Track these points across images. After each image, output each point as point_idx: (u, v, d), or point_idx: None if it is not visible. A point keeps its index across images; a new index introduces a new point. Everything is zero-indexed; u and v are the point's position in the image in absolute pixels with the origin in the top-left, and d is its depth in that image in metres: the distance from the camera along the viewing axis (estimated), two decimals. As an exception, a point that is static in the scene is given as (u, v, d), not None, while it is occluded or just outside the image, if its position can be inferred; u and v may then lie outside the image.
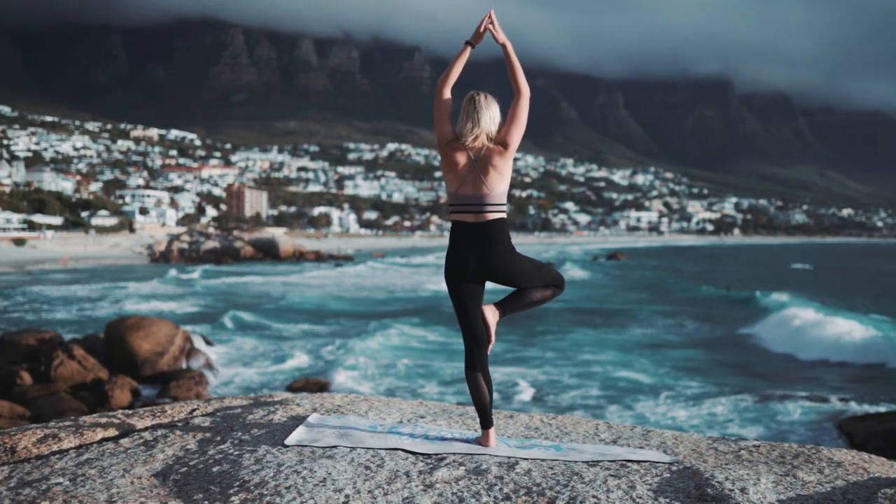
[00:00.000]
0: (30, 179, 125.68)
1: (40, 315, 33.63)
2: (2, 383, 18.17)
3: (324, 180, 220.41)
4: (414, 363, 21.65)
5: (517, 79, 3.42)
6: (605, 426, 3.72)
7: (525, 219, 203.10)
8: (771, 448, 3.28)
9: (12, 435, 3.48)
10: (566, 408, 16.27)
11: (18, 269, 62.80)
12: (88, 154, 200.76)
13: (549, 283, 3.43)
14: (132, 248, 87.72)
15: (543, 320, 31.13)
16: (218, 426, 3.65)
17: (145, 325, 21.06)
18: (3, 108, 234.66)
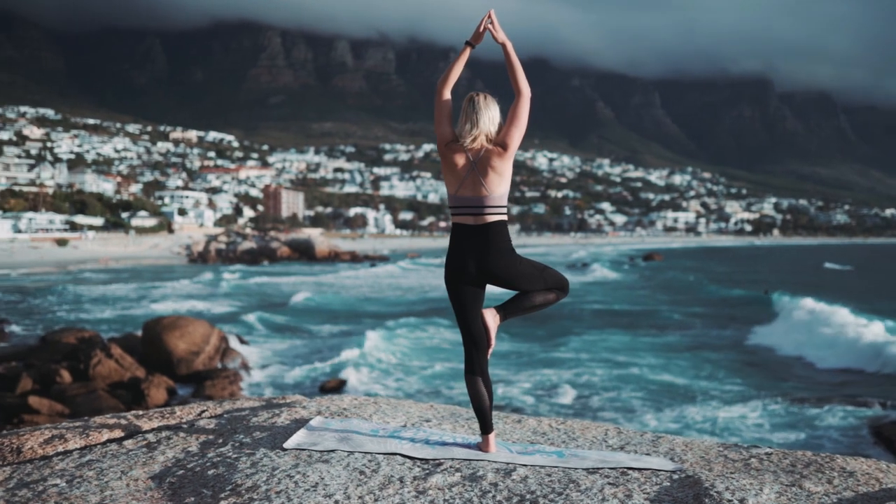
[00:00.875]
0: (72, 181, 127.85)
1: (81, 314, 34.24)
2: (42, 381, 18.55)
3: (360, 181, 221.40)
4: (444, 365, 21.67)
5: (517, 79, 3.38)
6: (615, 431, 3.66)
7: (561, 219, 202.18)
8: (783, 456, 3.20)
9: (20, 435, 3.51)
10: (598, 410, 16.20)
11: (61, 268, 63.98)
12: (129, 156, 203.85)
13: (551, 287, 3.36)
14: (171, 249, 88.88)
15: (579, 322, 31.02)
16: (222, 428, 3.65)
17: (181, 325, 21.35)
18: (47, 111, 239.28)
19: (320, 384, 18.90)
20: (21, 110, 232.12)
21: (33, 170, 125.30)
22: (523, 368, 20.73)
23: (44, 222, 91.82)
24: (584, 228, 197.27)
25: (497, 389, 18.35)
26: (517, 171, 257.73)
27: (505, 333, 27.01)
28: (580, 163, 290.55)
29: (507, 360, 21.92)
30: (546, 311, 36.27)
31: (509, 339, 25.59)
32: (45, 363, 20.31)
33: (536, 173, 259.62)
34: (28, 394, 17.57)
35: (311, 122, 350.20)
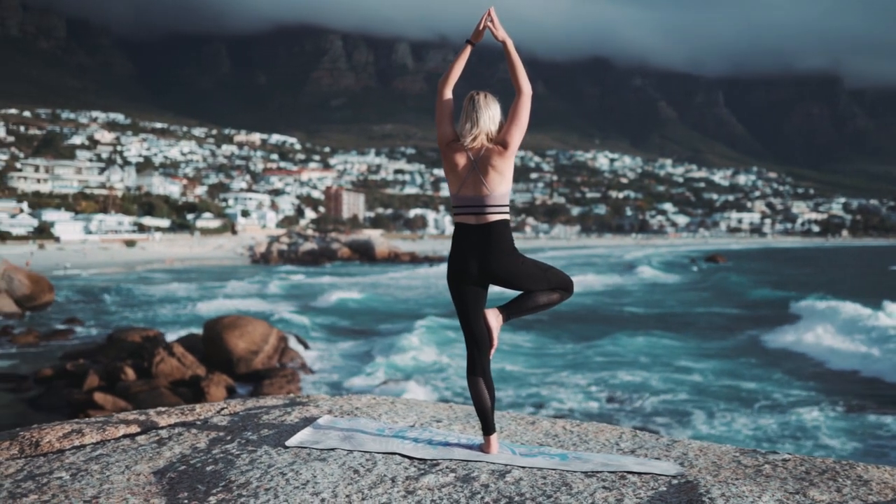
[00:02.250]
0: (140, 183, 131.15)
1: (146, 313, 35.16)
2: (108, 378, 19.14)
3: (420, 182, 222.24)
4: (494, 367, 21.67)
5: (517, 77, 3.34)
6: (630, 434, 3.61)
7: (622, 220, 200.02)
8: (801, 462, 3.11)
9: (41, 429, 3.57)
10: (649, 413, 16.04)
11: (129, 269, 65.71)
12: (195, 159, 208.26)
13: (555, 287, 3.32)
14: (234, 250, 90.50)
15: (635, 324, 30.70)
16: (233, 425, 3.67)
17: (241, 325, 21.77)
18: (117, 115, 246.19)
19: (375, 384, 19.09)
20: (93, 115, 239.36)
21: (103, 173, 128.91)
22: (548, 370, 20.67)
23: (113, 224, 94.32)
24: (645, 229, 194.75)
25: (527, 391, 18.33)
26: (578, 171, 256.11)
27: (525, 333, 26.90)
28: (642, 163, 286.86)
29: (527, 359, 21.88)
30: (577, 313, 36.10)
31: (529, 337, 25.46)
32: (111, 361, 20.96)
33: (597, 174, 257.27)
34: (94, 390, 18.17)
35: (372, 124, 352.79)
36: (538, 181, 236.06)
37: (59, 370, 20.57)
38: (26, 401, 17.29)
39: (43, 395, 17.69)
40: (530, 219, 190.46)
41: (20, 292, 35.98)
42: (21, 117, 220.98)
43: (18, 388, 19.11)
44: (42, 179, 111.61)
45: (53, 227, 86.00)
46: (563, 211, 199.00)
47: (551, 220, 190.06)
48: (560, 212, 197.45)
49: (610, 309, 37.67)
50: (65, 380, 19.70)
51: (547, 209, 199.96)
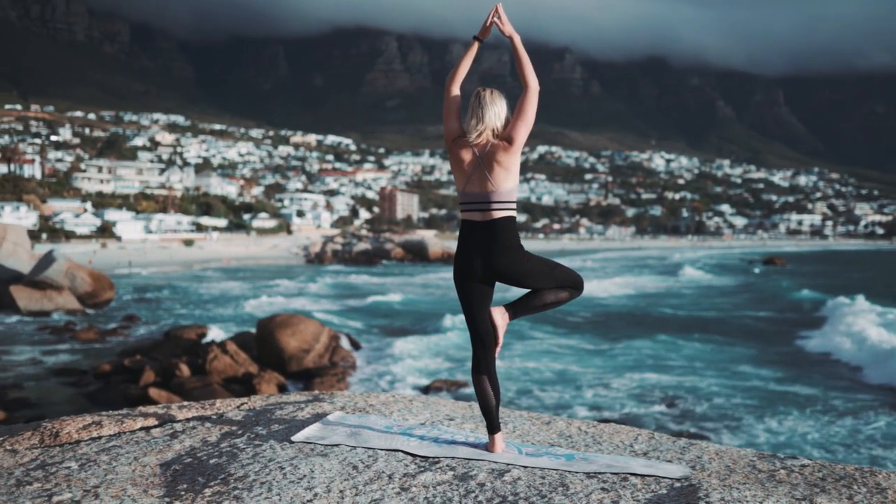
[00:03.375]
0: (198, 184, 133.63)
1: (202, 311, 35.88)
2: (164, 374, 19.62)
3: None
4: (549, 368, 21.62)
5: (525, 72, 3.32)
6: (647, 436, 3.55)
7: (678, 222, 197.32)
8: (819, 468, 3.03)
9: (63, 421, 3.65)
10: (699, 417, 15.85)
11: (186, 267, 67.07)
12: (252, 160, 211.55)
13: (563, 285, 3.28)
14: (289, 249, 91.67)
15: (700, 327, 30.30)
16: (247, 420, 3.71)
17: (293, 324, 22.08)
18: (178, 117, 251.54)
19: (426, 385, 19.19)
20: (154, 117, 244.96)
21: (163, 173, 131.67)
22: (592, 370, 20.53)
23: (172, 223, 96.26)
24: (701, 231, 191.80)
25: (573, 393, 18.23)
26: (633, 172, 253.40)
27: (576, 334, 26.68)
28: (699, 164, 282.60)
29: (573, 359, 21.75)
30: (603, 312, 35.80)
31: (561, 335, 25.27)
32: (166, 357, 21.45)
33: (653, 174, 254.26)
34: (150, 386, 18.64)
35: (427, 125, 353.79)
36: (593, 182, 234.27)
37: (117, 366, 21.13)
38: (85, 395, 17.81)
39: (101, 390, 18.20)
40: (584, 220, 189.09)
41: (82, 290, 37.00)
42: (86, 120, 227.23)
43: (79, 383, 19.71)
44: (105, 180, 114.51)
45: (115, 226, 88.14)
46: (618, 212, 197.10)
47: (606, 222, 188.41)
48: (615, 213, 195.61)
49: (642, 311, 37.34)
50: (122, 375, 20.23)
51: (601, 210, 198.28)
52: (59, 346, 25.70)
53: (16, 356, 23.55)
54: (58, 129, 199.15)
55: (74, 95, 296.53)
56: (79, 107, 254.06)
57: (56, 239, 74.89)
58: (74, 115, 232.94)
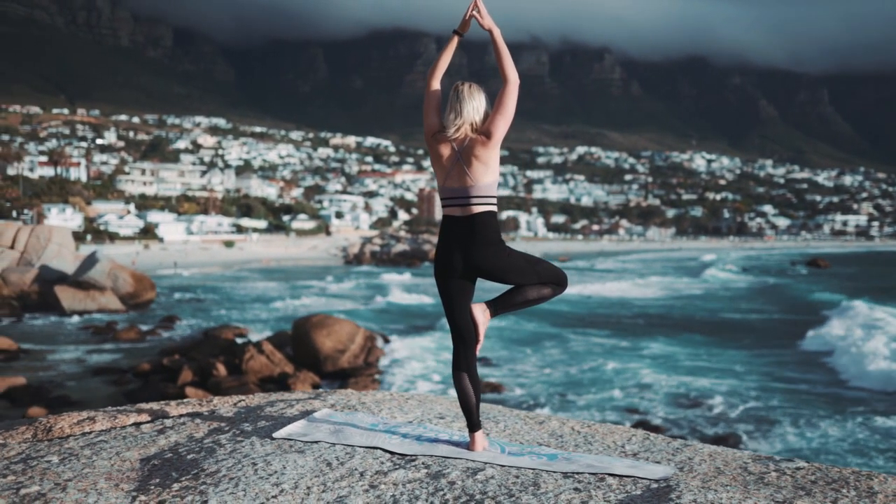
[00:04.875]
0: (239, 186, 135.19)
1: (240, 311, 36.31)
2: (201, 373, 19.94)
3: (512, 184, 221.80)
4: (580, 370, 21.56)
5: (504, 66, 3.27)
6: (642, 437, 3.50)
7: (719, 222, 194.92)
8: (814, 471, 2.95)
9: (59, 416, 3.68)
10: (735, 420, 15.71)
11: (227, 268, 67.90)
12: (292, 162, 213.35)
13: (546, 281, 3.24)
14: (328, 251, 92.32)
15: (751, 331, 29.99)
16: (237, 417, 3.71)
17: (329, 324, 22.29)
18: (219, 120, 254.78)
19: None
20: (196, 120, 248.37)
21: (205, 176, 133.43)
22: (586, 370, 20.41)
23: (213, 225, 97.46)
24: (743, 232, 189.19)
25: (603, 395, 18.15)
26: (673, 172, 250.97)
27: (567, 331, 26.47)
28: (740, 164, 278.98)
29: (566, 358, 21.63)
30: (609, 314, 35.53)
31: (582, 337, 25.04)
32: (204, 357, 21.78)
33: (694, 175, 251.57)
34: (187, 385, 18.97)
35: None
36: (632, 183, 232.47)
37: (156, 365, 21.51)
38: (124, 393, 18.15)
39: (140, 389, 18.53)
40: (624, 221, 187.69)
41: (124, 290, 37.69)
42: (130, 123, 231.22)
43: (119, 381, 20.10)
44: (148, 182, 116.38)
45: (157, 227, 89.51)
46: (658, 213, 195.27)
47: (646, 223, 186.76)
48: (655, 214, 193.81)
49: (662, 311, 37.06)
50: (161, 374, 20.60)
51: (641, 211, 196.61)
52: (101, 345, 26.21)
53: (59, 355, 24.08)
54: (103, 133, 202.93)
55: (119, 99, 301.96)
56: (123, 110, 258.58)
57: (100, 240, 76.30)
58: (119, 118, 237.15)
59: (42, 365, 22.51)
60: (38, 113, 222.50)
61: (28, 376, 20.03)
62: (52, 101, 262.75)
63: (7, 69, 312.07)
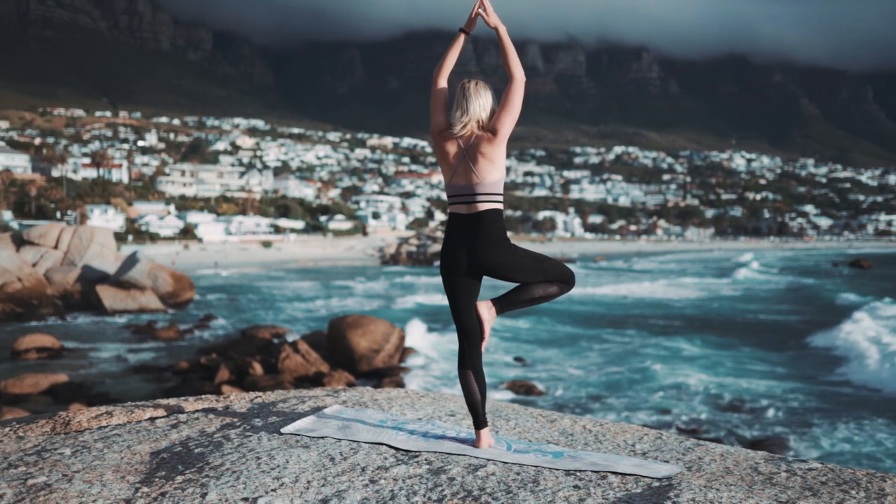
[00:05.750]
0: (277, 187, 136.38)
1: (277, 311, 36.67)
2: (238, 372, 20.21)
3: (549, 185, 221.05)
4: (616, 371, 21.46)
5: (510, 63, 3.26)
6: (654, 436, 3.47)
7: (759, 223, 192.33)
8: (826, 472, 2.90)
9: (79, 410, 3.74)
10: (772, 422, 15.54)
11: (265, 268, 68.56)
12: (329, 162, 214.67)
13: (552, 279, 3.22)
14: (364, 251, 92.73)
15: (779, 332, 29.65)
16: (249, 412, 3.74)
17: (364, 324, 22.43)
18: (258, 122, 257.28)
19: (496, 385, 19.26)
20: (235, 122, 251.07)
21: (243, 177, 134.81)
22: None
23: (251, 225, 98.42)
24: (784, 232, 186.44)
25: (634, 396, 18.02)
26: (712, 172, 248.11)
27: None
28: (781, 163, 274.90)
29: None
30: (632, 313, 35.14)
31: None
32: (241, 356, 22.07)
33: (733, 174, 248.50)
34: (224, 383, 19.23)
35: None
36: (671, 183, 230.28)
37: (194, 363, 21.85)
38: (162, 391, 18.46)
39: (178, 387, 18.83)
40: (662, 221, 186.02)
41: (164, 290, 38.27)
42: (171, 125, 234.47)
43: (157, 379, 20.47)
44: (187, 183, 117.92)
45: (197, 228, 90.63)
46: (697, 213, 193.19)
47: (684, 223, 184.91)
48: (693, 214, 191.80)
49: (691, 313, 36.67)
50: (198, 373, 20.92)
51: (680, 211, 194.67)
52: (141, 343, 26.67)
53: (101, 353, 24.55)
54: (144, 135, 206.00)
55: (160, 102, 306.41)
56: (164, 113, 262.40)
57: (141, 241, 77.51)
58: (160, 120, 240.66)
59: (84, 363, 22.97)
60: (82, 116, 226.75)
61: (70, 373, 20.47)
62: (96, 104, 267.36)
63: (53, 73, 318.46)
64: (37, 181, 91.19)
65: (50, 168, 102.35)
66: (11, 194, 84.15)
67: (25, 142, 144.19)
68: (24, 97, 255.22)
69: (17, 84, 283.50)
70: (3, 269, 37.05)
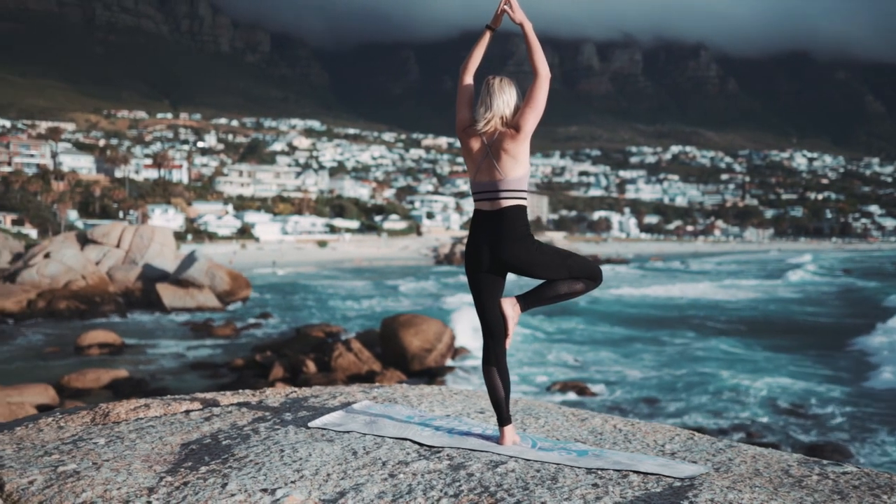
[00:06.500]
0: (332, 187, 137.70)
1: (332, 309, 37.07)
2: (291, 370, 20.52)
3: (605, 184, 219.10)
4: (670, 373, 21.22)
5: (535, 59, 3.23)
6: (686, 436, 3.42)
7: (820, 223, 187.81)
8: (861, 476, 2.82)
9: (118, 402, 3.84)
10: (833, 427, 15.22)
11: (320, 267, 69.31)
12: (384, 163, 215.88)
13: (578, 276, 3.19)
14: (419, 251, 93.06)
15: (827, 335, 29.01)
16: (281, 407, 3.79)
17: (416, 323, 22.57)
18: (314, 123, 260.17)
19: (547, 386, 19.22)
20: (292, 123, 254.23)
21: (299, 177, 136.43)
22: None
23: (307, 225, 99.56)
24: (847, 233, 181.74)
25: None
26: (772, 171, 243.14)
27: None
28: (844, 162, 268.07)
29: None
30: (666, 315, 34.44)
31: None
32: (295, 354, 22.41)
33: (794, 174, 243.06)
34: (278, 381, 19.54)
35: (557, 127, 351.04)
36: (729, 182, 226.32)
37: (249, 361, 22.26)
38: (218, 387, 18.84)
39: (233, 384, 19.20)
40: (719, 221, 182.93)
41: (221, 288, 38.99)
42: (230, 126, 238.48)
43: (213, 376, 20.89)
44: (245, 183, 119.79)
45: (254, 227, 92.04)
46: (756, 213, 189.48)
47: (742, 223, 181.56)
48: (752, 214, 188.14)
49: (747, 315, 35.98)
50: (253, 370, 21.31)
51: (738, 212, 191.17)
52: (198, 341, 27.23)
53: (160, 350, 25.15)
54: (204, 136, 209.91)
55: (219, 103, 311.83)
56: (223, 114, 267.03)
57: (200, 240, 79.04)
58: (219, 122, 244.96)
59: (143, 359, 23.55)
60: (144, 118, 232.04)
61: (130, 369, 21.02)
62: (157, 106, 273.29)
63: (117, 76, 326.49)
64: (101, 182, 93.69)
65: (113, 169, 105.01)
66: (77, 195, 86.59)
67: (91, 143, 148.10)
68: (90, 100, 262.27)
69: (83, 87, 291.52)
70: (68, 268, 38.16)
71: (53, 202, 79.40)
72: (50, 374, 19.99)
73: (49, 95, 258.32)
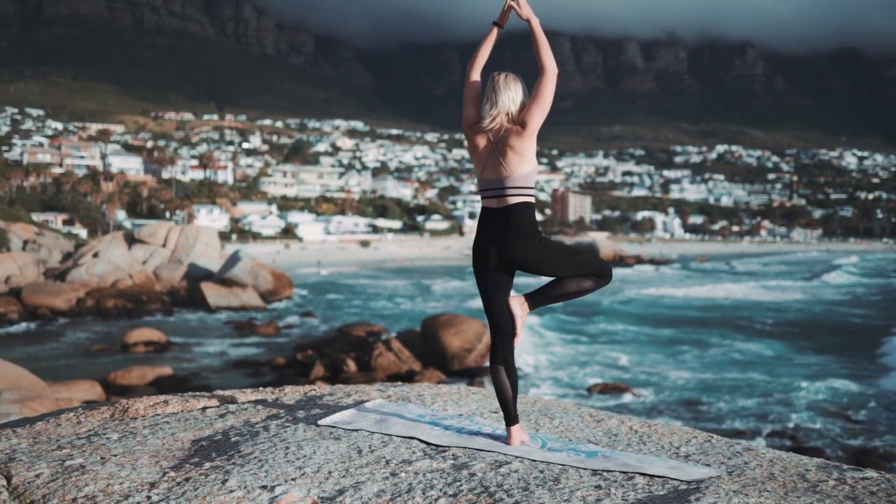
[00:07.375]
0: (375, 187, 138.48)
1: (373, 309, 37.28)
2: (332, 368, 20.73)
3: (648, 184, 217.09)
4: (714, 375, 20.99)
5: (542, 55, 3.22)
6: (703, 439, 3.35)
7: (871, 223, 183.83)
8: (880, 483, 2.73)
9: (138, 399, 3.88)
10: (882, 431, 14.93)
11: (362, 267, 69.74)
12: (427, 163, 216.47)
13: (586, 273, 3.14)
14: (461, 251, 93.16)
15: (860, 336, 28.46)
16: (296, 405, 3.80)
17: (456, 323, 22.62)
18: (357, 123, 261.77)
19: (587, 387, 19.16)
20: (335, 124, 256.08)
21: (342, 177, 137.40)
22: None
23: (350, 225, 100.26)
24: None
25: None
26: (821, 171, 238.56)
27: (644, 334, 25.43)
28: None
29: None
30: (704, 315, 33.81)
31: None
32: (336, 353, 22.60)
33: (844, 173, 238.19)
34: (318, 379, 19.74)
35: (601, 126, 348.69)
36: (776, 182, 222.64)
37: (291, 360, 22.52)
38: (259, 385, 19.09)
39: (274, 382, 19.43)
40: (766, 222, 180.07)
41: (264, 287, 39.45)
42: (274, 127, 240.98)
43: (255, 374, 21.17)
44: (289, 184, 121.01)
45: (297, 227, 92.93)
46: (804, 213, 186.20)
47: (790, 224, 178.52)
48: (800, 214, 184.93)
49: (792, 316, 35.35)
50: (294, 369, 21.55)
51: (785, 212, 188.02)
52: (241, 339, 27.60)
53: (204, 348, 25.55)
54: (248, 137, 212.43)
55: (264, 105, 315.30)
56: (268, 115, 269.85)
57: (244, 240, 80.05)
58: (264, 123, 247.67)
59: (188, 357, 23.95)
60: (191, 119, 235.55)
61: (174, 367, 21.40)
62: (203, 108, 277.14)
63: (164, 79, 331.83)
64: (148, 182, 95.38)
65: (160, 170, 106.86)
66: (125, 195, 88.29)
67: (139, 145, 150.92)
68: (138, 102, 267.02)
69: (132, 90, 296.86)
70: (116, 267, 38.93)
71: (102, 202, 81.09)
72: (97, 372, 20.44)
73: (99, 98, 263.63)
